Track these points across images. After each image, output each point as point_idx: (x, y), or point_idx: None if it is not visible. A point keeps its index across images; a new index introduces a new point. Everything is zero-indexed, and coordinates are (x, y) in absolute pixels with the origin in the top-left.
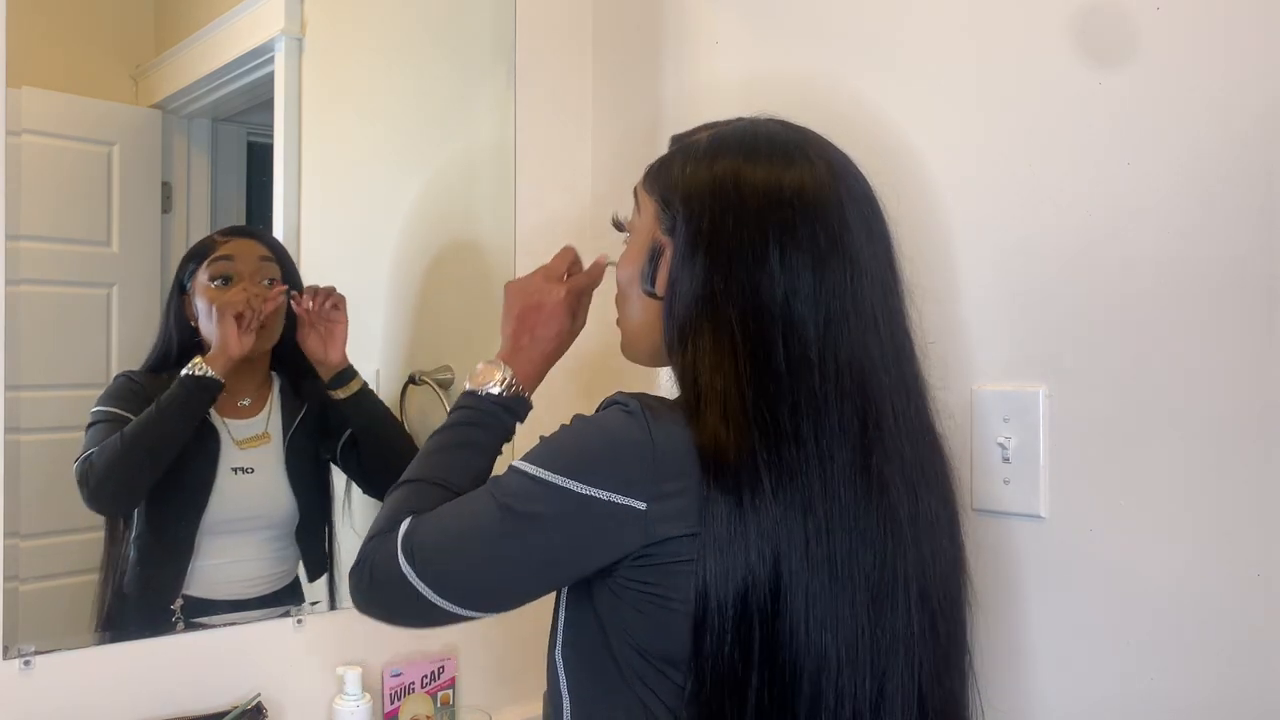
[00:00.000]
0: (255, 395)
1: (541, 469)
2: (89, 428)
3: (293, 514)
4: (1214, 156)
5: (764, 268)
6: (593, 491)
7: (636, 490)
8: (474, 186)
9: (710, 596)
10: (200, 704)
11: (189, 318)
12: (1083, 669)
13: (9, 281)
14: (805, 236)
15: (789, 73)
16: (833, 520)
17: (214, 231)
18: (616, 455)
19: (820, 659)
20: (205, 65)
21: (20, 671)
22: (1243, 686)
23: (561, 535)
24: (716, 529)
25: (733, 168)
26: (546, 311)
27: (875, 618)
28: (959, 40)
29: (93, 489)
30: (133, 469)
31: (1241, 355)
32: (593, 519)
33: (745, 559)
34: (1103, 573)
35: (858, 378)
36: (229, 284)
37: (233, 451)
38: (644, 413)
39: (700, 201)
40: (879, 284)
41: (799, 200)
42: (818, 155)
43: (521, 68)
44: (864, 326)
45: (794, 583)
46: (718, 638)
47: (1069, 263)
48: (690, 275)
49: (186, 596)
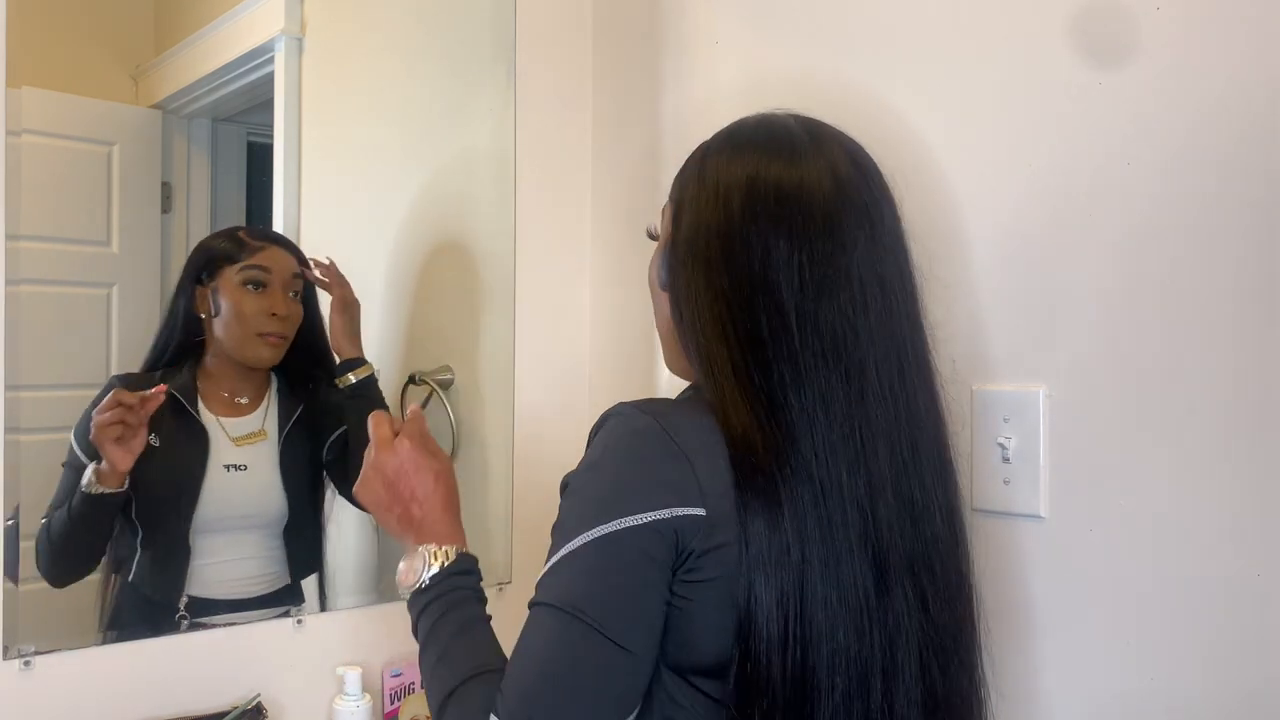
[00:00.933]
0: (253, 394)
1: (583, 535)
2: (64, 465)
3: (282, 512)
4: (1214, 156)
5: (758, 260)
6: (651, 516)
7: (692, 498)
8: (474, 187)
9: (758, 615)
10: (200, 704)
11: (201, 311)
12: (1083, 669)
13: (9, 281)
14: (800, 228)
15: (789, 72)
16: (834, 523)
17: (239, 230)
18: (651, 472)
19: (832, 657)
20: (205, 65)
21: (20, 671)
22: (1243, 686)
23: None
24: (759, 543)
25: (723, 159)
26: (406, 476)
27: (879, 609)
28: (959, 40)
29: (37, 564)
30: (59, 562)
31: (1242, 355)
32: (664, 542)
33: (782, 573)
34: (1103, 573)
35: (858, 366)
36: (259, 290)
37: (225, 449)
38: (655, 422)
39: (690, 197)
40: (877, 279)
41: (800, 193)
42: (819, 149)
43: (521, 68)
44: (852, 301)
45: (811, 591)
46: (764, 656)
47: (1069, 263)
48: (689, 273)
49: (192, 598)
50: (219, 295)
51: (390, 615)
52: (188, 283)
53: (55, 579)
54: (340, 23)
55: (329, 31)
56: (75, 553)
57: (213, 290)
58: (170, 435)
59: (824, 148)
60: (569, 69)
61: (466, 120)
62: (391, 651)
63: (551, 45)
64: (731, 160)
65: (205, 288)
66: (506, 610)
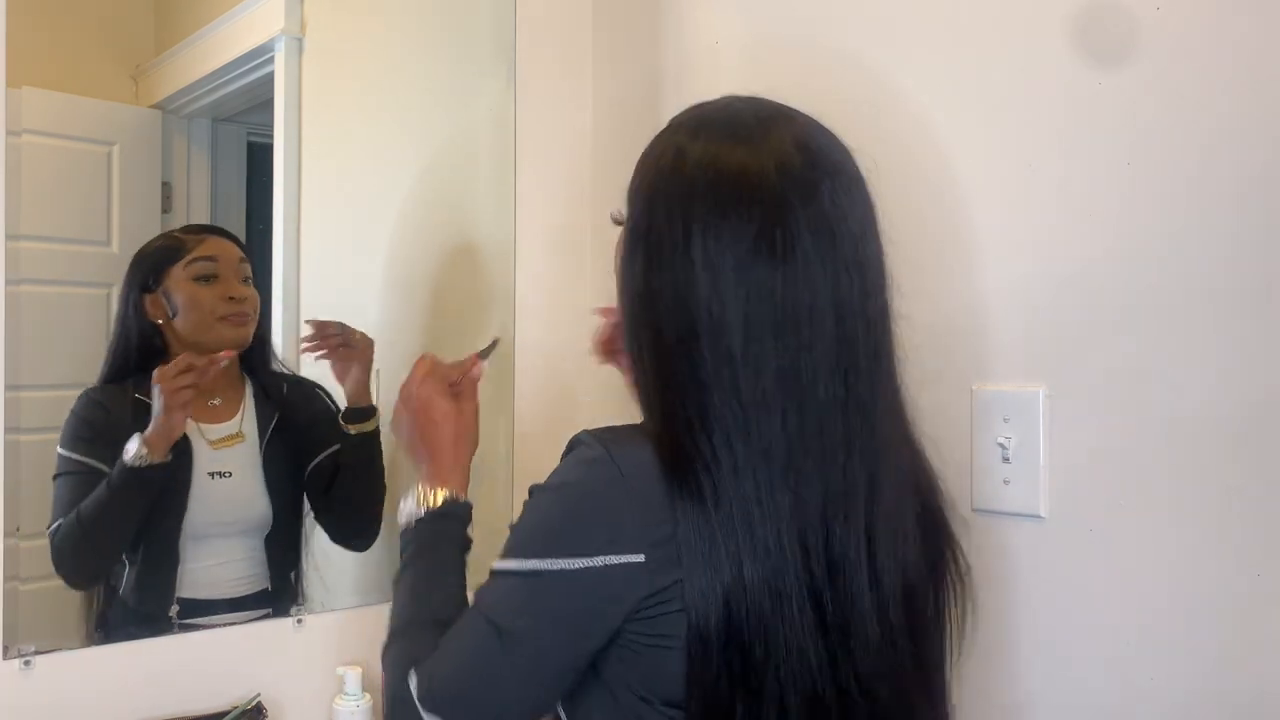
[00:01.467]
0: (226, 395)
1: (521, 560)
2: (56, 478)
3: (266, 518)
4: (1214, 156)
5: (687, 258)
6: (583, 563)
7: (628, 544)
8: (474, 186)
9: (698, 622)
10: (200, 704)
11: (156, 317)
12: (1083, 669)
13: (9, 281)
14: (733, 224)
15: (789, 71)
16: (781, 523)
17: (175, 230)
18: (594, 512)
19: (795, 664)
20: (205, 65)
21: (20, 671)
22: (1243, 686)
23: (566, 624)
24: (692, 542)
25: (673, 146)
26: (424, 415)
27: (836, 607)
28: (959, 40)
29: (58, 568)
30: (90, 553)
31: (1241, 355)
32: (592, 591)
33: (721, 569)
34: (1103, 573)
35: (790, 376)
36: (210, 282)
37: (206, 454)
38: (606, 452)
39: (638, 190)
40: (836, 269)
41: (737, 183)
42: (782, 134)
43: (521, 66)
44: (801, 321)
45: (755, 585)
46: (709, 665)
47: (1069, 262)
48: (630, 273)
49: (182, 599)
50: (171, 296)
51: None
52: (133, 293)
53: (83, 574)
54: (340, 22)
55: (329, 31)
56: (109, 541)
57: (163, 294)
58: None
59: (776, 132)
60: (569, 68)
61: (467, 120)
62: None
63: (552, 45)
64: (693, 147)
65: (155, 294)
66: None
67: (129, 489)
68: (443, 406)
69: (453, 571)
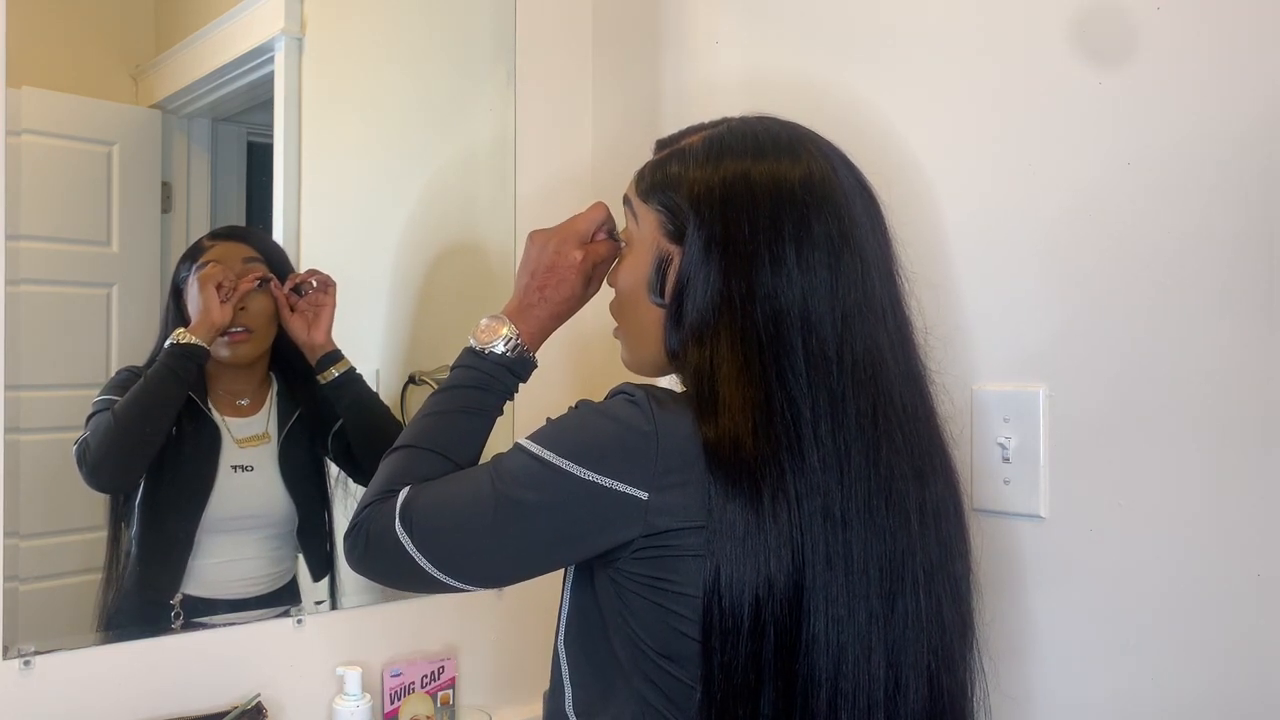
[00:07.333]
0: (254, 395)
1: (546, 450)
2: (89, 419)
3: (290, 514)
4: (1213, 156)
5: (781, 268)
6: (594, 477)
7: (638, 479)
8: (474, 186)
9: (723, 600)
10: (200, 704)
11: (186, 319)
12: (1083, 669)
13: (9, 281)
14: (820, 233)
15: (789, 72)
16: (850, 517)
17: (205, 235)
18: (621, 443)
19: (838, 659)
20: (205, 65)
21: (20, 671)
22: (1242, 686)
23: (561, 519)
24: (731, 530)
25: (740, 168)
26: (559, 275)
27: (889, 611)
28: (959, 40)
29: (91, 466)
30: (126, 442)
31: (1241, 355)
32: (593, 505)
33: (763, 563)
34: (1103, 573)
35: (870, 370)
36: (214, 286)
37: (233, 449)
38: (650, 403)
39: (711, 205)
40: (885, 275)
41: (809, 196)
42: (817, 150)
43: (521, 68)
44: (875, 319)
45: (815, 585)
46: (730, 647)
47: (1069, 262)
48: (706, 280)
49: (186, 595)
50: (184, 298)
51: (390, 615)
52: (172, 295)
53: (114, 469)
54: (340, 23)
55: (329, 31)
56: (143, 430)
57: (185, 295)
58: (184, 430)
59: (813, 148)
60: (569, 68)
61: (467, 120)
62: (391, 651)
63: (552, 45)
64: (761, 166)
65: (182, 294)
66: (505, 607)
67: (167, 367)
68: (574, 259)
69: (488, 418)
